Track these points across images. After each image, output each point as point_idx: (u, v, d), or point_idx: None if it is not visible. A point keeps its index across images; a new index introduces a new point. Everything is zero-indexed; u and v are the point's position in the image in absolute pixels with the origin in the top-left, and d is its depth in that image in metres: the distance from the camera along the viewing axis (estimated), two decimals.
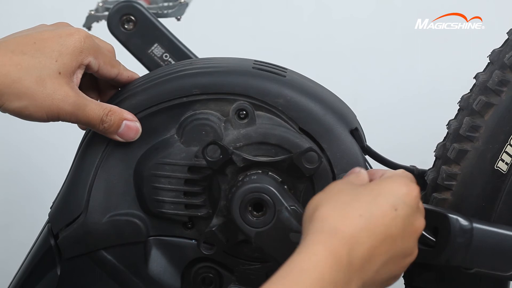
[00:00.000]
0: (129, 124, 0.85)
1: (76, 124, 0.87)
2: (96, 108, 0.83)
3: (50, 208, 0.90)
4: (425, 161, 0.95)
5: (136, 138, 0.86)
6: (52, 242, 0.88)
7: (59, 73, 0.82)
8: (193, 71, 0.87)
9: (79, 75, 0.84)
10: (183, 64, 0.91)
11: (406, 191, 0.75)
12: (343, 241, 0.70)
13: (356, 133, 0.87)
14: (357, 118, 0.92)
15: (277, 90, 0.86)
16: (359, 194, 0.74)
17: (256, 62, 0.90)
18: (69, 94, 0.82)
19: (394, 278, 0.76)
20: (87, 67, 0.85)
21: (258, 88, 0.86)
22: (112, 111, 0.84)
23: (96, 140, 0.87)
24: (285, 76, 0.88)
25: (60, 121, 0.84)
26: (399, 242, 0.74)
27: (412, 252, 0.76)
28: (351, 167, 0.83)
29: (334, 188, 0.76)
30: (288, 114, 0.86)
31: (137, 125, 0.85)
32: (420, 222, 0.76)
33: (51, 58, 0.82)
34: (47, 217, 0.90)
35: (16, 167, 1.80)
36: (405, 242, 0.74)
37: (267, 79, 0.86)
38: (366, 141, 0.90)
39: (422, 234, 0.81)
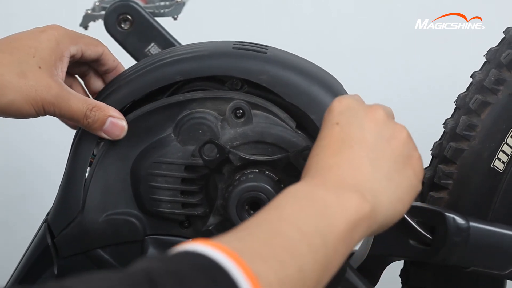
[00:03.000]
0: (114, 121, 0.84)
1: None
2: (79, 102, 0.83)
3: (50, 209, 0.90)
4: (422, 160, 0.95)
5: (122, 136, 0.85)
6: (49, 241, 0.88)
7: (39, 67, 0.82)
8: (174, 58, 0.86)
9: (64, 68, 0.85)
10: (164, 53, 0.90)
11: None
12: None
13: None
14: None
15: (259, 67, 0.85)
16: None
17: (236, 42, 0.90)
18: (52, 86, 0.82)
19: (412, 186, 0.73)
20: (71, 56, 0.85)
21: (240, 68, 0.85)
22: (96, 107, 0.83)
23: (87, 137, 0.86)
24: (266, 53, 0.87)
25: (47, 116, 0.84)
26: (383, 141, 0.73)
27: (412, 152, 0.74)
28: None
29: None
30: (273, 90, 0.85)
31: (123, 123, 0.84)
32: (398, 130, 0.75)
33: (28, 54, 0.82)
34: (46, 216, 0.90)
35: (16, 166, 1.80)
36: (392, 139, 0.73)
37: (248, 57, 0.86)
38: None
39: (419, 233, 0.81)
